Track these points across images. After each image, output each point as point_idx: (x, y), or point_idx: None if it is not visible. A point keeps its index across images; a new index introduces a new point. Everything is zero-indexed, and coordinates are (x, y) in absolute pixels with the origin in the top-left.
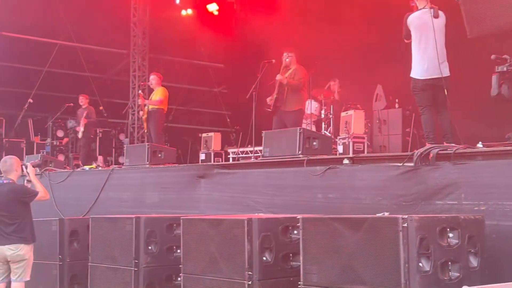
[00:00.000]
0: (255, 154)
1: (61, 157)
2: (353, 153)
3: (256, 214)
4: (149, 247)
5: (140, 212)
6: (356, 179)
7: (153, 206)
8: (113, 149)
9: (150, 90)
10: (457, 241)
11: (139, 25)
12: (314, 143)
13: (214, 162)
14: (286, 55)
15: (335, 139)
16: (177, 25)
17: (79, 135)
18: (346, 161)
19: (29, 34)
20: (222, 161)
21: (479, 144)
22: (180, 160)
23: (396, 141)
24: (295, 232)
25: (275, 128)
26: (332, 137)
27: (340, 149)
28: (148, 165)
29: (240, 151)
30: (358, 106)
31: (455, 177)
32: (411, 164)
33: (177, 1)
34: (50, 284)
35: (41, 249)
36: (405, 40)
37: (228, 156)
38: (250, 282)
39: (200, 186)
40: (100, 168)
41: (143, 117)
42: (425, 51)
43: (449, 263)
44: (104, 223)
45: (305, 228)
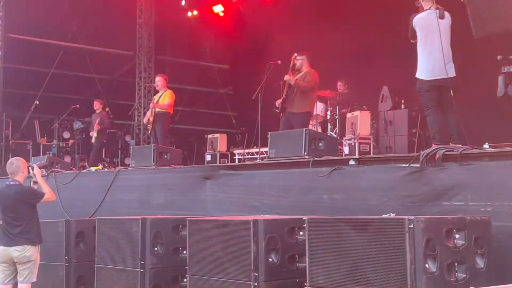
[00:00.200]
0: (261, 155)
1: (68, 159)
2: (359, 154)
3: (262, 215)
4: (155, 248)
5: (146, 213)
6: (362, 180)
7: (159, 207)
8: (119, 151)
9: (155, 92)
10: (464, 242)
11: (145, 27)
12: (320, 144)
13: (220, 163)
14: (297, 57)
15: (341, 140)
16: (183, 27)
17: (92, 140)
18: (352, 162)
19: (35, 36)
20: (228, 162)
21: (486, 145)
22: (186, 161)
23: (402, 142)
24: (301, 233)
25: (283, 129)
26: (338, 138)
27: (346, 150)
28: (154, 167)
29: (246, 152)
30: (364, 107)
31: (462, 178)
32: (417, 165)
33: (183, 3)
34: (57, 285)
35: (48, 250)
36: (411, 40)
37: (234, 157)
38: (256, 283)
39: (206, 187)
40: (106, 170)
41: (150, 119)
42: (431, 52)
43: (456, 264)
44: (110, 225)
45: (311, 229)
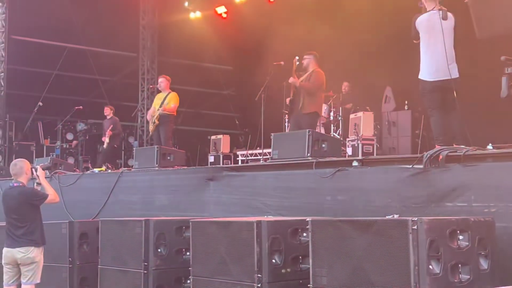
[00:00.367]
0: (264, 157)
1: (71, 160)
2: (363, 155)
3: (265, 217)
4: (159, 250)
5: (150, 215)
6: (366, 181)
7: (162, 209)
8: (122, 152)
9: (158, 93)
10: (467, 244)
11: (148, 28)
12: (323, 145)
13: (223, 165)
14: (301, 58)
15: (344, 141)
16: (186, 28)
17: (104, 146)
18: (356, 163)
19: (39, 38)
20: (231, 164)
21: (489, 146)
22: (189, 163)
23: (406, 143)
24: (305, 235)
25: (292, 130)
26: (341, 139)
27: (349, 151)
28: (158, 168)
29: (249, 153)
30: (367, 108)
31: (465, 179)
32: (421, 166)
33: (186, 4)
34: (60, 287)
35: (51, 252)
36: (414, 41)
37: (237, 159)
38: (260, 285)
39: (209, 189)
40: (109, 171)
41: (156, 122)
42: (434, 53)
43: (459, 266)
44: (114, 226)
45: (315, 231)
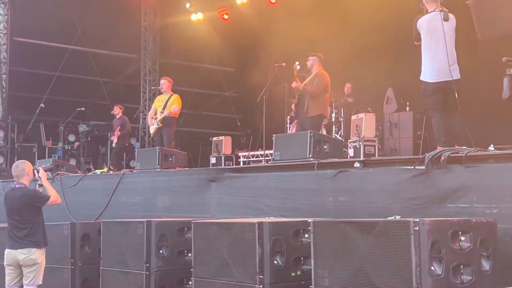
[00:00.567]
0: (266, 158)
1: (73, 161)
2: (364, 156)
3: (267, 218)
4: (160, 251)
5: (151, 216)
6: (367, 183)
7: (164, 210)
8: (124, 153)
9: (159, 94)
10: (469, 245)
11: (150, 30)
12: (325, 147)
13: (225, 166)
14: (304, 60)
15: (346, 143)
16: (187, 30)
17: (113, 144)
18: (357, 165)
19: (41, 39)
20: (233, 165)
21: (491, 147)
22: (191, 164)
23: (407, 144)
24: (306, 236)
25: None
26: (343, 140)
27: (351, 152)
28: (159, 169)
29: (251, 155)
30: (369, 109)
31: (467, 180)
32: (423, 167)
33: (187, 6)
34: None
35: (53, 253)
36: (415, 43)
37: (239, 160)
38: (261, 286)
39: (211, 190)
40: (111, 172)
41: (159, 124)
42: (435, 54)
43: (461, 267)
44: (116, 227)
45: (316, 232)
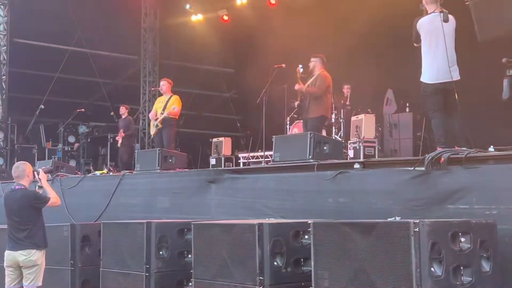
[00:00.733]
0: (266, 159)
1: (73, 163)
2: (364, 158)
3: (267, 219)
4: (160, 252)
5: (151, 217)
6: (367, 184)
7: (164, 211)
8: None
9: (159, 95)
10: (469, 246)
11: (150, 31)
12: (325, 148)
13: (225, 167)
14: (311, 59)
15: (346, 144)
16: (188, 31)
17: (118, 144)
18: (357, 166)
19: (40, 41)
20: (233, 166)
21: (491, 148)
22: (191, 165)
23: (407, 145)
24: (306, 237)
25: None
26: (343, 142)
27: (351, 154)
28: (159, 170)
29: (251, 156)
30: (369, 110)
31: (467, 181)
32: (422, 168)
33: (187, 7)
34: None
35: (53, 255)
36: (415, 44)
37: (239, 161)
38: (261, 287)
39: (211, 191)
40: (111, 174)
41: (159, 125)
42: (435, 55)
43: (461, 268)
44: (116, 228)
45: (316, 233)
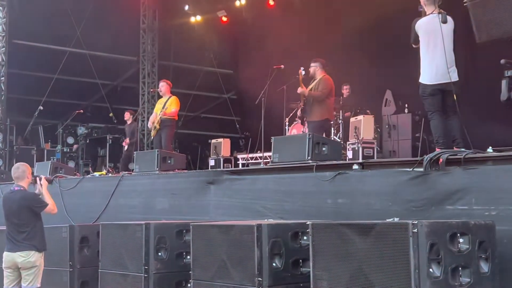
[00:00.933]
0: (265, 160)
1: (71, 164)
2: (363, 159)
3: (266, 220)
4: (159, 253)
5: (150, 219)
6: (366, 185)
7: (163, 213)
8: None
9: (159, 97)
10: (468, 247)
11: (149, 32)
12: (324, 149)
13: (224, 168)
14: (310, 64)
15: (345, 145)
16: (186, 32)
17: (125, 149)
18: (356, 167)
19: (39, 42)
20: (232, 167)
21: (489, 149)
22: (190, 166)
23: (406, 146)
24: (305, 238)
25: None
26: (342, 143)
27: (350, 155)
28: (158, 172)
29: (250, 157)
30: (368, 111)
31: (466, 182)
32: (421, 169)
33: (186, 8)
34: None
35: (52, 256)
36: (413, 45)
37: (238, 162)
38: None
39: (210, 192)
40: (110, 175)
41: (156, 126)
42: (434, 56)
43: (460, 269)
44: (114, 230)
45: (315, 234)
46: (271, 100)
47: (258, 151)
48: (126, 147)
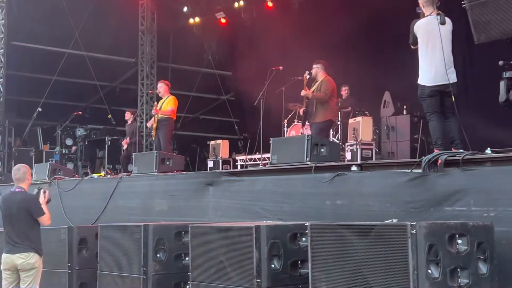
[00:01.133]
0: (263, 161)
1: (70, 165)
2: (361, 160)
3: (264, 221)
4: (158, 255)
5: (149, 220)
6: (365, 186)
7: (162, 214)
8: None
9: (158, 98)
10: (466, 248)
11: (147, 34)
12: (322, 150)
13: (222, 170)
14: (312, 66)
15: (343, 146)
16: (185, 33)
17: (123, 149)
18: (355, 168)
19: (38, 43)
20: (230, 169)
21: (488, 150)
22: (188, 168)
23: (404, 148)
24: (304, 239)
25: None
26: (340, 144)
27: (348, 156)
28: (157, 173)
29: (248, 159)
30: (366, 113)
31: (464, 183)
32: (420, 171)
33: (185, 9)
34: None
35: (50, 257)
36: (412, 47)
37: (236, 164)
38: None
39: (208, 194)
40: (108, 176)
41: (154, 126)
42: (432, 58)
43: (458, 270)
44: (113, 231)
45: (314, 235)
46: (270, 102)
47: (257, 153)
48: (126, 147)
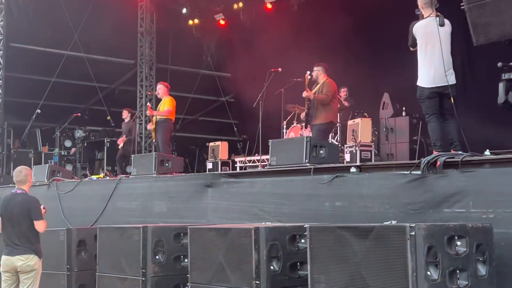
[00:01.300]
0: (262, 163)
1: (69, 167)
2: (360, 161)
3: (263, 223)
4: (157, 257)
5: (148, 222)
6: (364, 188)
7: (161, 216)
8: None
9: (158, 100)
10: (465, 249)
11: (146, 35)
12: (321, 152)
13: (221, 171)
14: (313, 68)
15: (342, 148)
16: (184, 35)
17: (119, 147)
18: (354, 170)
19: (37, 45)
20: (229, 170)
21: (487, 152)
22: (188, 169)
23: (403, 149)
24: (303, 241)
25: None
26: (339, 145)
27: (347, 157)
28: (156, 175)
29: (247, 160)
30: (365, 114)
31: (463, 185)
32: (419, 172)
33: (184, 11)
34: None
35: (49, 259)
36: (411, 48)
37: (235, 165)
38: None
39: (207, 195)
40: (107, 178)
41: (152, 128)
42: (431, 60)
43: (458, 272)
44: (112, 233)
45: (313, 237)
46: (269, 103)
47: (256, 154)
48: (121, 145)
